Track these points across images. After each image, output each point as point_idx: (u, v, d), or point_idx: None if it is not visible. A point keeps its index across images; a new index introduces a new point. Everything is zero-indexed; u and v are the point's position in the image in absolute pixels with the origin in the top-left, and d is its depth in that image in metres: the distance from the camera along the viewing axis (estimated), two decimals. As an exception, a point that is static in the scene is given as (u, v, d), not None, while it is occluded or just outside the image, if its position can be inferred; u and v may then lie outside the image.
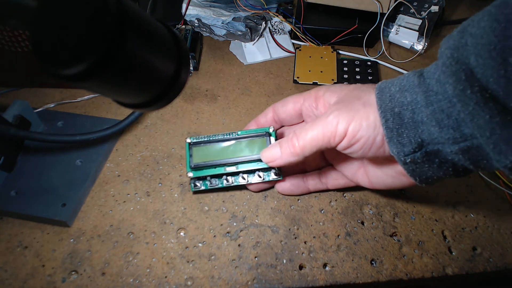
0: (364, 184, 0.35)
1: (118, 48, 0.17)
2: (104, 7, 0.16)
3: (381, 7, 0.54)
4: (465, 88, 0.22)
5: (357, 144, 0.29)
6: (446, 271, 0.36)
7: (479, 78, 0.22)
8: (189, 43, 0.52)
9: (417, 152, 0.26)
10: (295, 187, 0.38)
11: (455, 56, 0.23)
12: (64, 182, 0.38)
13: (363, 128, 0.28)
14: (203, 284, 0.34)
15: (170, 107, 0.48)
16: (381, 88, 0.28)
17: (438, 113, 0.25)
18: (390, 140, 0.27)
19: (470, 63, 0.22)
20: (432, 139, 0.25)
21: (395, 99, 0.27)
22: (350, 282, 0.34)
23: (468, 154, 0.24)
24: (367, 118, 0.28)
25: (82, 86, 0.18)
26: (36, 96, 0.47)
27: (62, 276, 0.34)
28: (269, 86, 0.51)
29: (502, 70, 0.21)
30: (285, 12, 0.60)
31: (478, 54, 0.22)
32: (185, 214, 0.38)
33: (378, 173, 0.33)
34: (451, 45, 0.24)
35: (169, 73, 0.22)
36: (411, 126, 0.26)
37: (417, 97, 0.26)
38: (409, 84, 0.27)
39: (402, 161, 0.27)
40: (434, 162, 0.26)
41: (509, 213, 0.40)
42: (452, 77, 0.23)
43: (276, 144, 0.33)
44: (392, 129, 0.27)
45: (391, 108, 0.27)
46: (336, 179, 0.38)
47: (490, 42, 0.21)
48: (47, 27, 0.17)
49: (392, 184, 0.33)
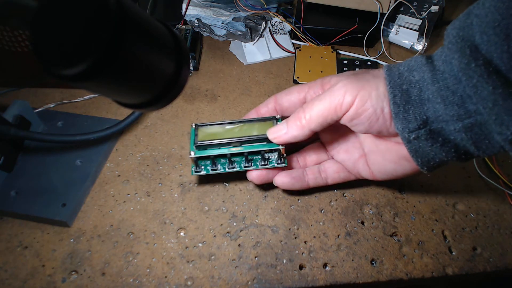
0: (365, 175, 0.35)
1: (118, 48, 0.17)
2: (104, 7, 0.16)
3: (381, 7, 0.54)
4: (470, 62, 0.23)
5: (364, 115, 0.29)
6: (446, 271, 0.36)
7: (484, 53, 0.23)
8: (189, 43, 0.52)
9: (421, 129, 0.27)
10: (296, 180, 0.36)
11: (461, 35, 0.24)
12: (64, 182, 0.38)
13: (372, 98, 0.28)
14: (203, 284, 0.34)
15: (170, 107, 0.48)
16: (390, 67, 0.29)
17: (443, 90, 0.25)
18: (396, 115, 0.28)
19: (475, 40, 0.24)
20: (436, 116, 0.26)
21: (404, 77, 0.28)
22: (350, 282, 0.34)
23: (471, 132, 0.25)
24: (377, 88, 0.28)
25: (82, 86, 0.18)
26: (36, 96, 0.47)
27: (62, 276, 0.34)
28: (269, 86, 0.51)
29: (505, 46, 0.22)
30: (285, 12, 0.60)
31: (483, 31, 0.23)
32: (185, 214, 0.38)
33: (379, 159, 0.33)
34: (456, 26, 0.25)
35: (169, 73, 0.22)
36: (417, 103, 0.27)
37: (424, 75, 0.27)
38: (417, 64, 0.28)
39: (406, 138, 0.28)
40: (437, 141, 0.27)
41: (509, 213, 0.40)
42: (457, 53, 0.24)
43: (283, 122, 0.33)
44: (399, 104, 0.27)
45: (400, 84, 0.27)
46: (337, 172, 0.37)
47: (495, 19, 0.22)
48: (47, 27, 0.17)
49: (394, 172, 0.32)
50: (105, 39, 0.16)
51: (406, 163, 0.31)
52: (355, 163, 0.35)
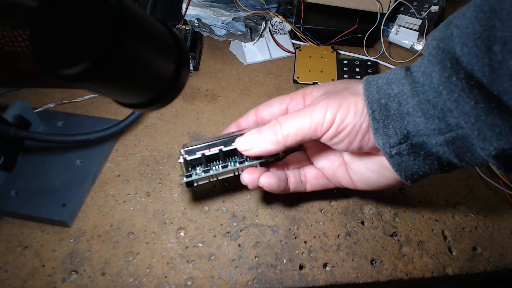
0: (345, 184, 0.33)
1: (118, 48, 0.17)
2: (105, 7, 0.16)
3: (381, 7, 0.54)
4: (451, 75, 0.23)
5: (343, 132, 0.28)
6: (446, 271, 0.36)
7: (465, 66, 0.23)
8: (189, 43, 0.52)
9: (402, 143, 0.26)
10: (280, 182, 0.33)
11: (441, 46, 0.24)
12: (64, 182, 0.38)
13: (350, 114, 0.28)
14: (203, 284, 0.34)
15: (170, 107, 0.48)
16: (369, 81, 0.28)
17: (424, 103, 0.25)
18: (376, 131, 0.27)
19: (456, 52, 0.23)
20: (417, 130, 0.26)
21: (382, 90, 0.27)
22: (350, 282, 0.34)
23: (453, 145, 0.25)
24: (355, 105, 0.28)
25: (82, 86, 0.18)
26: (36, 96, 0.47)
27: (62, 276, 0.34)
28: (269, 86, 0.51)
29: (486, 59, 0.22)
30: (285, 12, 0.60)
31: (464, 43, 0.23)
32: (185, 214, 0.38)
33: (361, 169, 0.32)
34: (436, 36, 0.24)
35: (169, 73, 0.22)
36: (397, 118, 0.26)
37: (404, 88, 0.26)
38: (396, 77, 0.27)
39: (388, 153, 0.27)
40: (419, 154, 0.27)
41: (509, 213, 0.40)
42: (438, 65, 0.24)
43: (255, 131, 0.31)
44: (378, 120, 0.27)
45: (378, 99, 0.27)
46: (316, 179, 0.35)
47: (475, 31, 0.22)
48: (47, 27, 0.17)
49: (377, 182, 0.31)
50: (105, 39, 0.16)
51: (389, 173, 0.30)
52: (334, 171, 0.34)
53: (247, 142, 0.31)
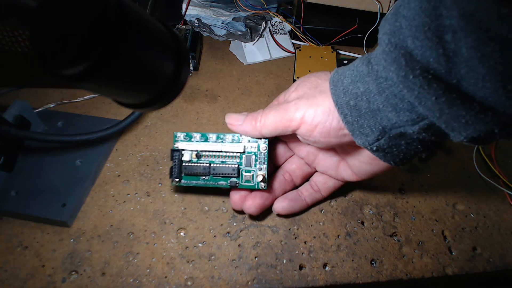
0: (349, 178, 0.35)
1: (118, 48, 0.17)
2: (104, 7, 0.16)
3: (381, 7, 0.54)
4: (407, 74, 0.23)
5: (316, 131, 0.29)
6: (446, 271, 0.36)
7: (419, 60, 0.22)
8: (189, 43, 0.52)
9: (380, 139, 0.27)
10: (294, 202, 0.37)
11: (393, 42, 0.23)
12: (64, 182, 0.38)
13: (318, 114, 0.29)
14: (203, 284, 0.34)
15: (170, 107, 0.48)
16: (335, 82, 0.28)
17: (391, 98, 0.25)
18: (353, 133, 0.28)
19: (408, 46, 0.22)
20: (392, 124, 0.26)
21: (349, 91, 0.27)
22: (350, 282, 0.34)
23: (431, 130, 0.25)
24: (323, 104, 0.29)
25: (82, 86, 0.18)
26: (36, 96, 0.47)
27: (62, 276, 0.34)
28: (269, 86, 0.51)
29: (440, 49, 0.21)
30: (285, 12, 0.60)
31: (414, 36, 0.22)
32: (185, 214, 0.38)
33: (355, 162, 0.33)
34: (387, 30, 0.24)
35: (169, 73, 0.22)
36: (369, 116, 0.26)
37: (369, 86, 0.26)
38: (359, 74, 0.27)
39: (370, 150, 0.28)
40: (400, 144, 0.27)
41: (509, 213, 0.40)
42: (393, 64, 0.23)
43: (245, 113, 0.34)
44: (352, 122, 0.27)
45: (347, 101, 0.27)
46: (325, 183, 0.37)
47: (423, 23, 0.21)
48: (47, 27, 0.17)
49: (373, 170, 0.32)
50: (105, 39, 0.16)
51: (380, 162, 0.31)
52: (336, 169, 0.35)
53: (234, 117, 0.34)
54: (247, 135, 0.34)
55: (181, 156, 0.35)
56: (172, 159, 0.35)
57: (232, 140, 0.35)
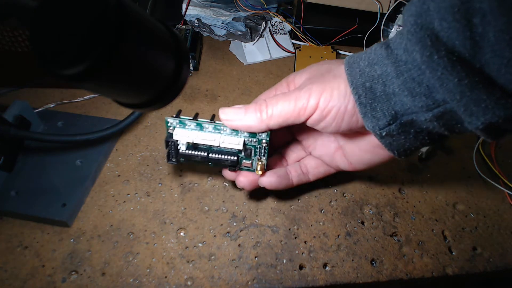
0: (344, 167, 0.34)
1: (118, 48, 0.17)
2: (104, 7, 0.16)
3: (381, 7, 0.54)
4: (432, 54, 0.23)
5: (329, 116, 0.28)
6: (446, 271, 0.36)
7: (445, 42, 0.22)
8: (189, 43, 0.52)
9: (391, 124, 0.26)
10: (282, 179, 0.34)
11: (419, 22, 0.23)
12: (64, 182, 0.38)
13: (334, 98, 0.28)
14: (203, 284, 0.34)
15: (170, 107, 0.48)
16: (350, 63, 0.28)
17: (409, 82, 0.25)
18: (365, 115, 0.27)
19: (435, 27, 0.23)
20: (405, 109, 0.26)
21: (365, 73, 0.27)
22: (350, 282, 0.34)
23: (442, 119, 0.25)
24: (338, 88, 0.28)
25: (82, 86, 0.18)
26: (36, 96, 0.47)
27: (62, 276, 0.34)
28: (269, 86, 0.51)
29: (467, 32, 0.21)
30: (285, 12, 0.60)
31: (442, 17, 0.22)
32: (185, 214, 0.38)
33: (355, 150, 0.32)
34: (413, 12, 0.24)
35: (169, 73, 0.22)
36: (383, 99, 0.26)
37: (387, 69, 0.26)
38: (377, 57, 0.27)
39: (378, 135, 0.28)
40: (409, 132, 0.27)
41: (509, 213, 0.40)
42: (418, 44, 0.23)
43: (242, 106, 0.31)
44: (365, 104, 0.27)
45: (362, 83, 0.27)
46: (316, 168, 0.36)
47: (453, 4, 0.21)
48: (46, 27, 0.17)
49: (371, 160, 0.32)
50: (105, 39, 0.16)
51: (381, 151, 0.30)
52: (332, 156, 0.35)
53: (232, 112, 0.30)
54: (250, 131, 0.31)
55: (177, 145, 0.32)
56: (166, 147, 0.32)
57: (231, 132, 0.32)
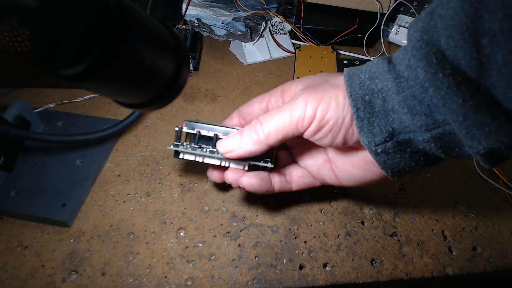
0: (331, 181, 0.33)
1: (118, 49, 0.17)
2: (105, 7, 0.16)
3: (381, 7, 0.54)
4: (437, 72, 0.22)
5: (326, 127, 0.27)
6: (446, 271, 0.36)
7: (451, 60, 0.22)
8: (189, 43, 0.52)
9: (388, 141, 0.26)
10: (264, 183, 0.33)
11: (425, 39, 0.23)
12: (64, 182, 0.38)
13: (332, 108, 0.27)
14: (203, 284, 0.34)
15: (170, 107, 0.48)
16: (350, 75, 0.27)
17: (409, 99, 0.24)
18: (361, 129, 0.26)
19: (441, 45, 0.22)
20: (403, 127, 0.25)
21: (365, 86, 0.26)
22: (350, 282, 0.34)
23: (441, 141, 0.24)
24: (336, 98, 0.27)
25: (82, 86, 0.18)
26: (36, 96, 0.47)
27: (62, 276, 0.34)
28: (269, 86, 0.51)
29: (474, 52, 0.21)
30: (285, 12, 0.60)
31: (449, 35, 0.21)
32: (185, 214, 0.38)
33: (346, 165, 0.31)
34: (420, 28, 0.23)
35: (169, 73, 0.22)
36: (382, 115, 0.25)
37: (388, 84, 0.25)
38: (378, 71, 0.26)
39: (373, 151, 0.27)
40: (405, 152, 0.26)
41: (509, 213, 0.40)
42: (423, 61, 0.23)
43: (236, 133, 0.30)
44: (363, 118, 0.26)
45: (362, 96, 0.26)
46: (301, 177, 0.35)
47: (462, 23, 0.21)
48: (46, 27, 0.17)
49: (362, 178, 0.31)
50: (105, 39, 0.16)
51: (375, 168, 0.29)
52: (319, 169, 0.33)
53: (228, 144, 0.30)
54: (252, 155, 0.30)
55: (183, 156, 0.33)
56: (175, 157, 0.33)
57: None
